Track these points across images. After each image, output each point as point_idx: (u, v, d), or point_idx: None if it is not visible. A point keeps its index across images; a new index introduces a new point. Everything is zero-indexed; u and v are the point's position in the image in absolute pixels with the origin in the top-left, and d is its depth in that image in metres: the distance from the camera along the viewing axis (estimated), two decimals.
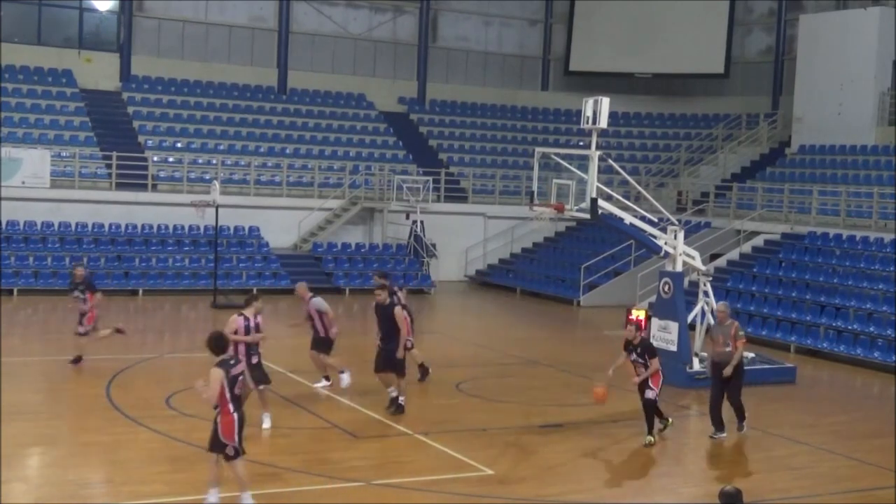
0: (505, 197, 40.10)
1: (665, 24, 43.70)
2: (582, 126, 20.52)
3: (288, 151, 39.02)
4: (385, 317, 16.70)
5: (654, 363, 15.42)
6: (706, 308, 21.05)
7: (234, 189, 34.87)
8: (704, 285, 21.42)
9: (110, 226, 33.00)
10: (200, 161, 37.01)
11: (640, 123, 45.69)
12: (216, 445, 11.65)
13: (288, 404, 17.17)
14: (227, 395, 11.47)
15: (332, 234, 36.40)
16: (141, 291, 30.98)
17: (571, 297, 33.48)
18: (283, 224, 35.69)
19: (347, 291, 33.83)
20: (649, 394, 15.45)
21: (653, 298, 23.82)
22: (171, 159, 36.77)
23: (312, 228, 36.44)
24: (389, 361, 16.68)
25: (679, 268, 21.00)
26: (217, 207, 29.80)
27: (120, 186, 34.38)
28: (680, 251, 20.96)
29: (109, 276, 31.12)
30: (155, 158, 36.19)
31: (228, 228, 33.78)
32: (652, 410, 15.59)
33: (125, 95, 39.12)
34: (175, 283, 31.82)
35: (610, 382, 16.21)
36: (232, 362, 11.70)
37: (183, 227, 33.68)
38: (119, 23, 40.01)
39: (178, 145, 37.51)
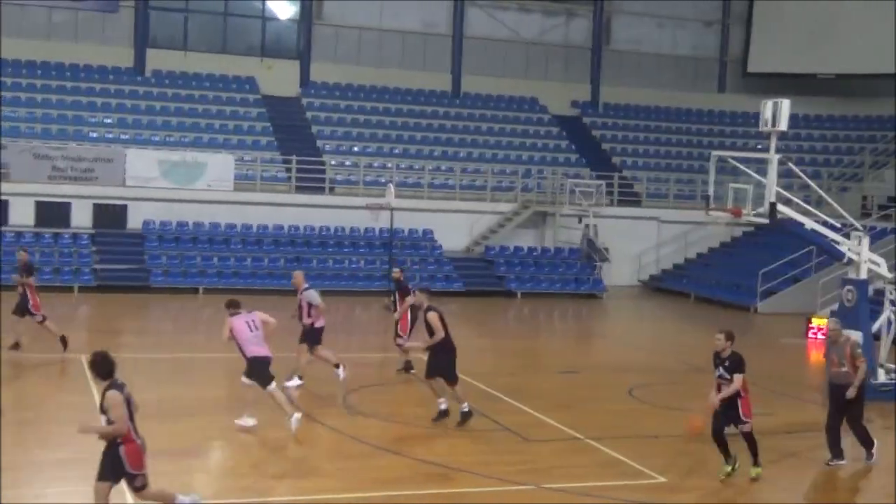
0: (679, 201, 39.41)
1: (848, 22, 42.13)
2: (760, 129, 19.98)
3: (461, 155, 39.36)
4: (423, 322, 16.12)
5: (738, 381, 13.24)
6: (892, 318, 20.19)
7: (408, 192, 35.36)
8: (891, 293, 20.54)
9: (289, 228, 33.95)
10: (376, 164, 37.73)
11: (821, 126, 44.20)
12: (119, 475, 10.27)
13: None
14: (130, 421, 10.22)
15: (504, 238, 36.49)
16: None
17: (748, 304, 32.62)
18: (456, 227, 35.97)
19: (519, 295, 33.84)
20: (745, 427, 13.45)
21: (835, 306, 22.97)
22: (347, 163, 37.62)
23: (484, 232, 36.62)
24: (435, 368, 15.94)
25: (863, 275, 20.19)
26: (392, 210, 30.28)
27: (299, 189, 35.36)
28: (865, 258, 20.15)
29: (289, 277, 31.93)
30: (332, 162, 37.11)
31: (403, 231, 34.29)
32: (753, 441, 13.62)
33: (304, 101, 40.22)
34: (350, 284, 32.46)
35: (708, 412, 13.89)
36: (121, 382, 10.27)
37: (358, 230, 34.36)
38: (299, 31, 41.16)
39: (355, 149, 38.33)
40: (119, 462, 10.13)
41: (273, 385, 15.07)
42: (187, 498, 11.00)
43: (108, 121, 36.31)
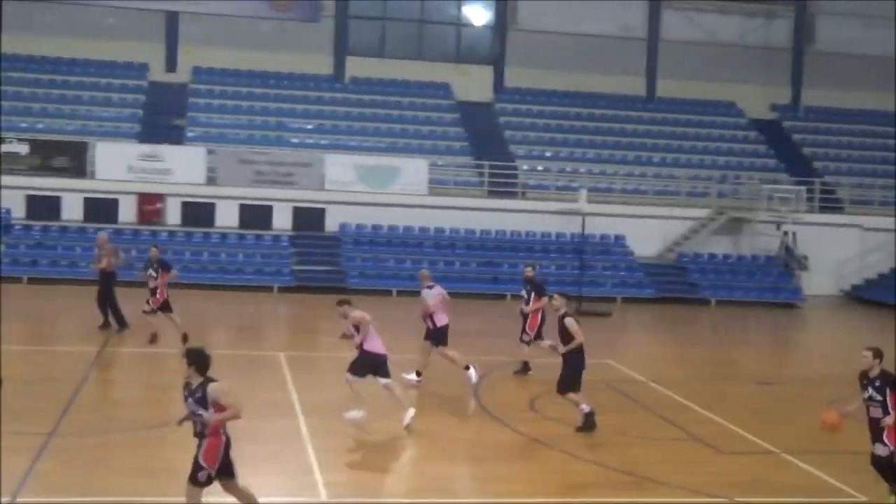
0: (885, 208, 37.74)
1: None
2: None
3: (654, 160, 38.85)
4: (558, 328, 15.72)
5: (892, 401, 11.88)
6: None
7: (599, 197, 35.12)
8: None
9: (481, 232, 34.27)
10: (568, 169, 37.65)
11: None
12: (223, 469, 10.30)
13: (649, 413, 17.07)
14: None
15: (697, 244, 35.80)
16: (509, 296, 31.83)
17: None
18: (648, 233, 35.50)
19: (713, 302, 33.14)
20: (880, 450, 12.15)
21: None
22: (539, 168, 37.68)
23: (677, 238, 36.00)
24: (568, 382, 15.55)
25: None
26: (584, 216, 30.14)
27: (491, 194, 35.64)
28: None
29: (480, 280, 32.35)
30: (524, 167, 37.23)
31: (594, 236, 34.10)
32: (888, 470, 12.27)
33: (498, 106, 40.50)
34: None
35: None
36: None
37: (550, 235, 34.38)
38: (494, 36, 41.49)
39: (547, 154, 38.36)
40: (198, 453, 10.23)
41: (389, 380, 15.08)
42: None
43: (308, 127, 37.52)
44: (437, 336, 18.02)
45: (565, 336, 15.44)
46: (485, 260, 33.21)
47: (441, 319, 18.07)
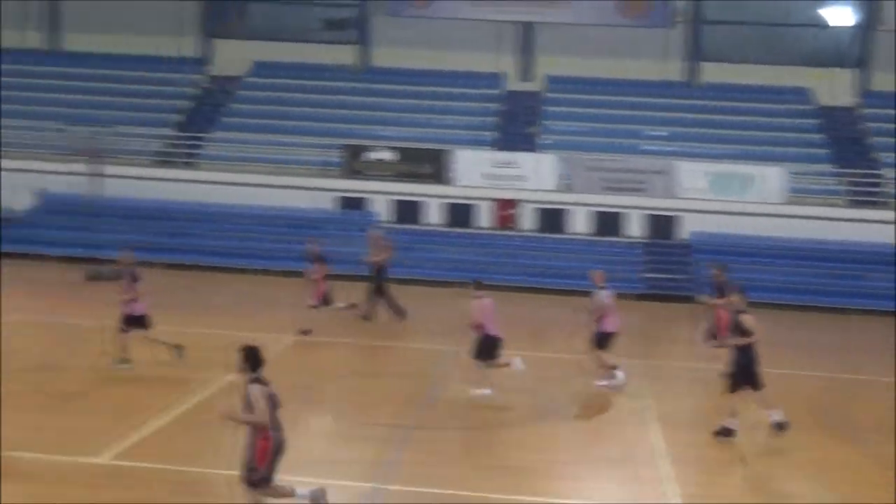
0: None
1: None
2: None
3: None
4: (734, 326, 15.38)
5: None
6: None
7: None
8: None
9: (840, 243, 32.61)
10: None
11: None
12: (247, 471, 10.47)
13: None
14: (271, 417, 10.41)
15: None
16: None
17: None
18: None
19: None
20: None
21: None
22: None
23: None
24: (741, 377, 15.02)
25: None
26: None
27: (852, 203, 33.89)
28: None
29: (835, 294, 30.85)
30: (890, 175, 35.04)
31: None
32: None
33: (863, 111, 38.37)
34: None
35: None
36: (266, 380, 10.44)
37: None
38: (857, 38, 39.39)
39: None
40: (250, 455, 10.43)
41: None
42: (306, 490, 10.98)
43: (661, 134, 37.26)
44: (601, 340, 18.04)
45: (742, 332, 15.11)
46: (850, 273, 31.56)
47: (611, 324, 18.12)
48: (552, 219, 33.76)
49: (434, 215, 34.07)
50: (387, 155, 34.47)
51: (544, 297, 30.14)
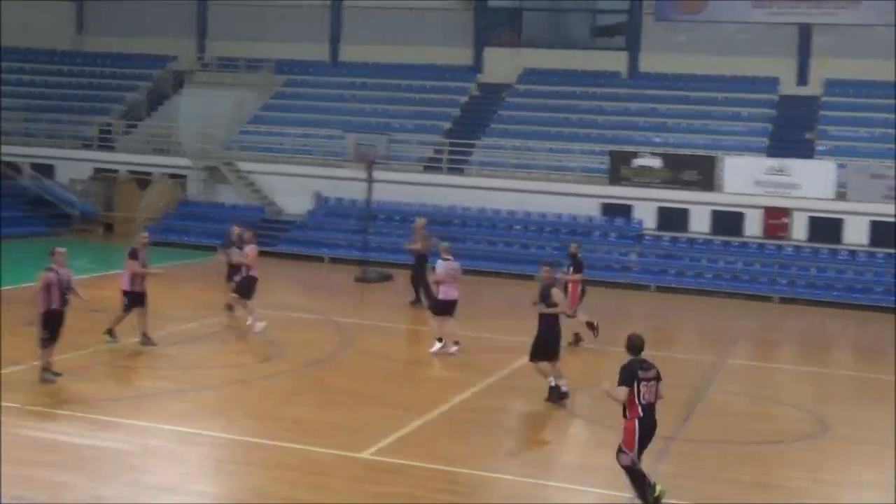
0: None
1: None
2: None
3: None
4: None
5: None
6: None
7: None
8: None
9: None
10: None
11: None
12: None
13: None
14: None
15: None
16: None
17: None
18: None
19: None
20: None
21: None
22: None
23: None
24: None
25: None
26: None
27: None
28: None
29: None
30: None
31: None
32: None
33: None
34: None
35: None
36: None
37: None
38: None
39: None
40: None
41: None
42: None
43: None
44: None
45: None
46: None
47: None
48: (826, 228, 32.28)
49: (700, 223, 33.31)
50: (653, 161, 34.03)
51: (818, 309, 28.91)
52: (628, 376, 11.35)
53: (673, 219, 33.46)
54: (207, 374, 17.44)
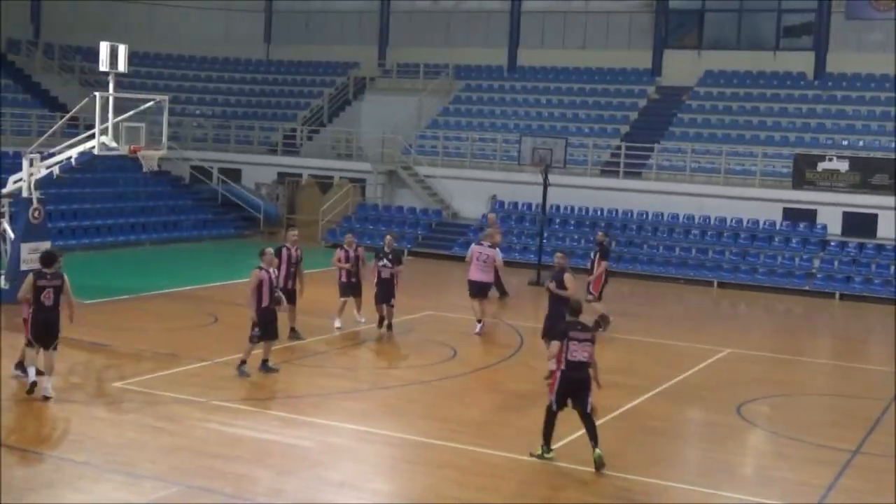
0: None
1: None
2: None
3: None
4: None
5: None
6: None
7: None
8: None
9: None
10: None
11: None
12: None
13: None
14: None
15: None
16: None
17: None
18: None
19: None
20: None
21: None
22: None
23: None
24: None
25: None
26: None
27: None
28: None
29: None
30: None
31: None
32: None
33: None
34: None
35: None
36: None
37: None
38: None
39: None
40: None
41: None
42: None
43: None
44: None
45: None
46: None
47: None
48: None
49: (889, 229, 31.94)
50: (840, 164, 32.87)
51: None
52: (561, 333, 12.92)
53: (860, 224, 32.23)
54: (383, 375, 17.84)
